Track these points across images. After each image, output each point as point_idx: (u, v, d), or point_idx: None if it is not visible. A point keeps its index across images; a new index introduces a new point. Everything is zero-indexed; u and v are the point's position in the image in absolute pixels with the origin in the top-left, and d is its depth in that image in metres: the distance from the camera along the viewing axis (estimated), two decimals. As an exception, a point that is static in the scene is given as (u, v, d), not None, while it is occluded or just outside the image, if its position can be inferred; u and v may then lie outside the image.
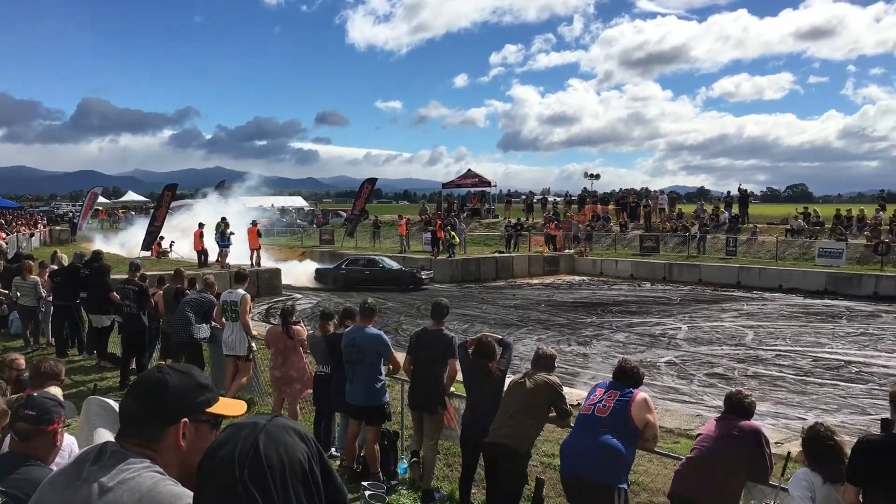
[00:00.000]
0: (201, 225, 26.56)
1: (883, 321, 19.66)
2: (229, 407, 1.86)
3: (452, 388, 6.70)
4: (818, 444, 4.12)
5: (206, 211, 34.78)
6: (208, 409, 1.80)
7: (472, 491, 6.35)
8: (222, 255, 25.90)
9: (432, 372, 6.54)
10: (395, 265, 28.40)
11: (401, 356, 6.95)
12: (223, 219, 26.80)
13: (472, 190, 46.89)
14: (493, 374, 6.06)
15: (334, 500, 1.56)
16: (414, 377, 6.73)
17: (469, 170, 47.97)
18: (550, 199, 47.44)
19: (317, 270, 29.03)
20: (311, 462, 1.54)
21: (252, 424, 1.57)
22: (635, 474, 6.51)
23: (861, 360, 14.94)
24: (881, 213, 30.81)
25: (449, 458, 7.32)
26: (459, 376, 6.51)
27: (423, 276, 27.33)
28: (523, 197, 46.33)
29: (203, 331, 9.74)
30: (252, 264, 25.66)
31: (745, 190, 37.17)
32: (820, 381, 13.19)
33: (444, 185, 48.20)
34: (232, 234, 26.17)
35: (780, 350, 15.90)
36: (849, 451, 4.00)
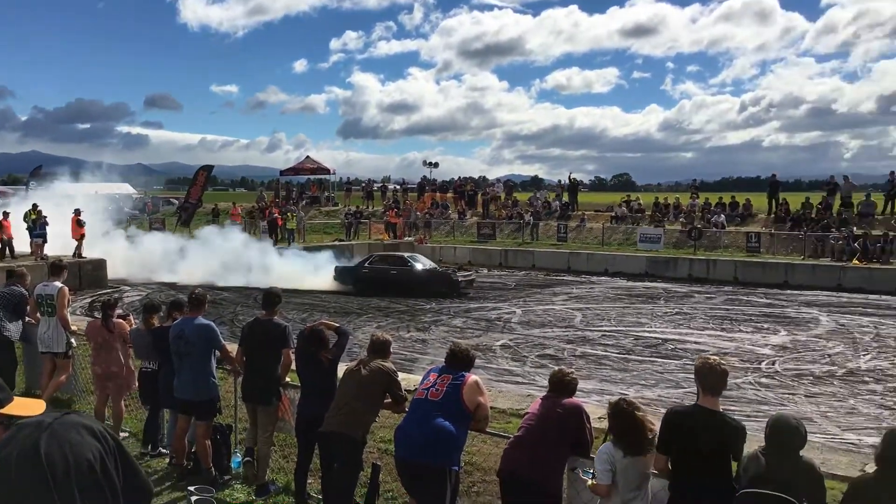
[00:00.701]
0: (6, 214, 24.11)
1: (696, 301, 21.27)
2: (24, 407, 1.73)
3: (288, 379, 6.59)
4: (619, 418, 4.38)
5: (27, 201, 32.01)
6: (0, 410, 1.67)
7: (309, 481, 6.29)
8: (34, 245, 23.89)
9: (265, 363, 6.41)
10: (427, 264, 23.91)
11: (234, 348, 6.75)
12: (34, 206, 24.75)
13: (312, 177, 46.25)
14: (324, 363, 6.02)
15: (136, 497, 1.49)
16: (246, 369, 6.56)
17: (308, 157, 47.26)
18: (390, 186, 47.62)
19: (336, 269, 24.05)
20: (105, 460, 1.46)
21: (35, 424, 1.47)
22: (469, 454, 6.69)
23: (676, 337, 16.10)
24: (695, 200, 33.29)
25: (285, 450, 7.20)
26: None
27: (461, 279, 22.54)
28: (363, 185, 46.21)
29: (14, 327, 9.00)
30: (76, 255, 23.96)
31: (575, 179, 39.02)
32: (640, 358, 14.10)
33: (283, 173, 47.21)
34: (46, 223, 24.10)
35: (605, 330, 16.84)
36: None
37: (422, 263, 23.57)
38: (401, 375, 8.46)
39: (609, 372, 13.04)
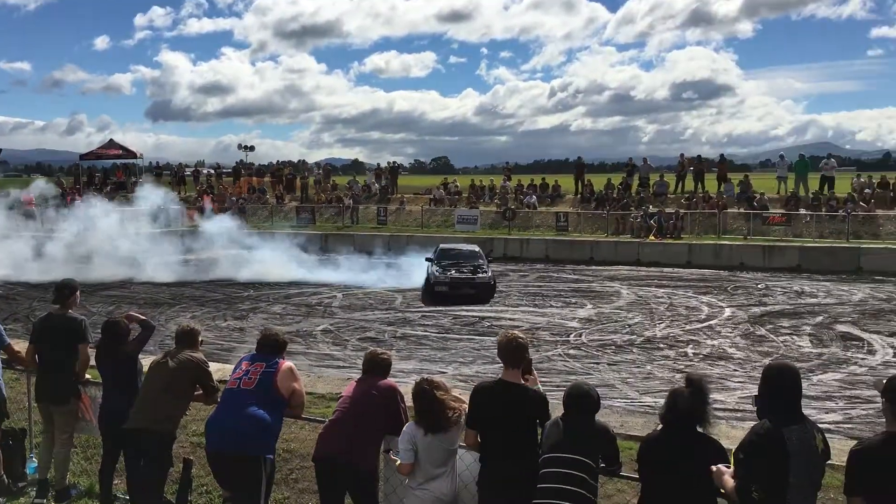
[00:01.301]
0: None
1: (510, 279, 22.14)
2: None
3: (88, 376, 6.18)
4: (420, 398, 4.50)
5: None
6: None
7: (115, 482, 5.95)
8: None
9: (59, 360, 5.97)
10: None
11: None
12: None
13: (118, 162, 43.42)
14: (122, 356, 5.71)
15: None
16: (39, 367, 6.09)
17: (112, 140, 44.28)
18: (204, 171, 45.70)
19: None
20: None
21: None
22: (286, 442, 6.61)
23: (493, 315, 16.68)
24: (507, 182, 34.58)
25: (87, 451, 6.78)
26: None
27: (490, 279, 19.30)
28: (174, 169, 44.02)
29: None
30: None
31: (395, 162, 39.41)
32: (459, 336, 14.49)
33: (83, 157, 43.92)
34: None
35: (424, 311, 17.15)
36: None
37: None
38: (216, 366, 8.22)
39: (429, 351, 13.31)
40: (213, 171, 45.27)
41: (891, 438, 3.50)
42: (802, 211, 27.11)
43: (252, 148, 46.29)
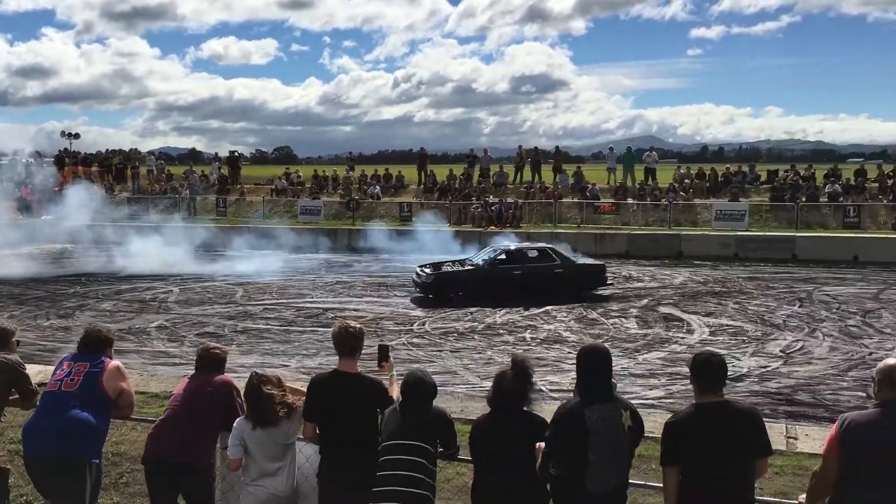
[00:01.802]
0: None
1: (355, 269, 22.12)
2: None
3: None
4: (249, 392, 4.44)
5: None
6: None
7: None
8: None
9: None
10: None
11: None
12: None
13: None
14: None
15: None
16: None
17: (-88, 124, 40.12)
18: (23, 160, 42.30)
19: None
20: None
21: None
22: (116, 444, 6.30)
23: (337, 306, 16.60)
24: (351, 173, 34.42)
25: None
26: None
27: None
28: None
29: None
30: None
31: (235, 152, 38.23)
32: (302, 329, 14.31)
33: None
34: None
35: (267, 304, 16.80)
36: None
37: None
38: (37, 368, 7.69)
39: (271, 345, 13.06)
40: (32, 160, 42.05)
41: (699, 410, 3.81)
42: (630, 200, 28.77)
43: (77, 135, 43.30)
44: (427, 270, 17.42)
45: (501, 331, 14.13)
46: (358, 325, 4.46)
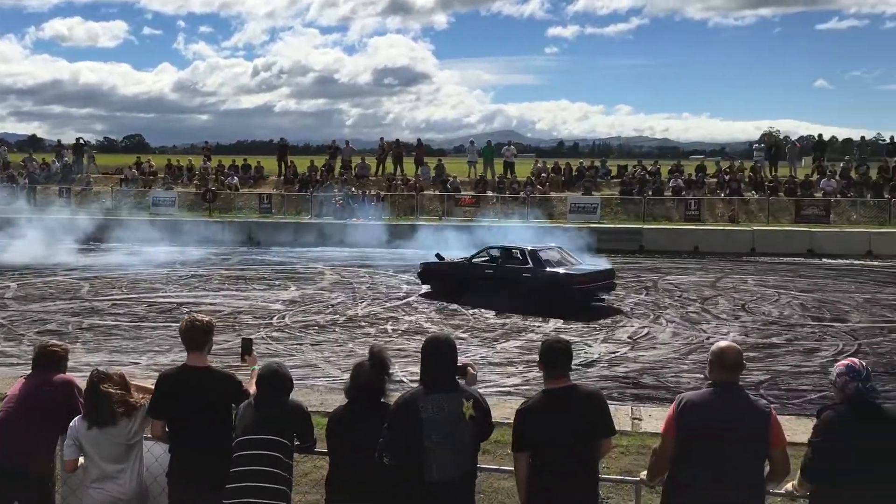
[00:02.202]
0: None
1: (212, 262, 21.44)
2: None
3: None
4: (87, 391, 4.25)
5: None
6: None
7: None
8: None
9: None
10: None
11: None
12: None
13: None
14: None
15: None
16: None
17: None
18: None
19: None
20: None
21: None
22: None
23: (192, 301, 16.04)
24: (208, 162, 33.28)
25: None
26: None
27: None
28: None
29: None
30: None
31: (81, 139, 36.14)
32: (154, 325, 13.72)
33: None
34: None
35: (116, 299, 15.99)
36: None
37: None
38: None
39: (120, 342, 12.45)
40: None
41: (547, 395, 3.96)
42: (490, 193, 29.42)
43: None
44: (431, 260, 17.45)
45: (363, 323, 14.11)
46: (206, 319, 4.33)
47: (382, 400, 4.06)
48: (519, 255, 15.77)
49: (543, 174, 30.93)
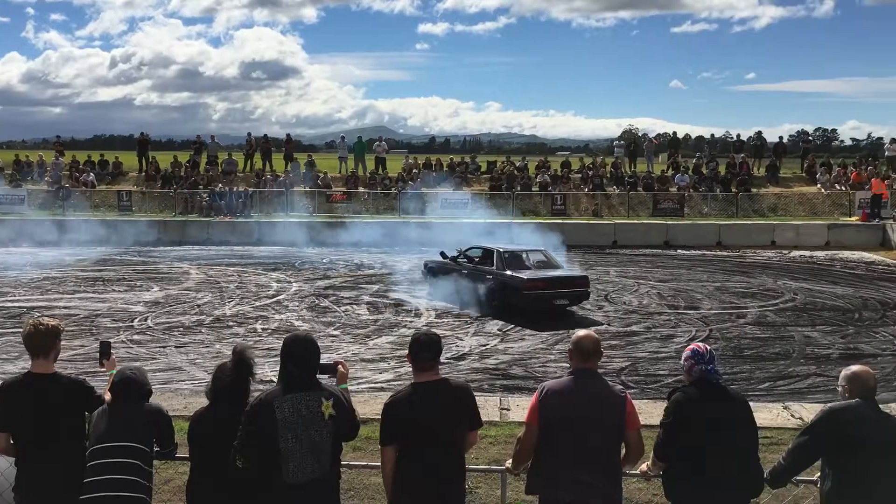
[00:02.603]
0: None
1: (67, 264, 20.24)
2: None
3: None
4: None
5: None
6: None
7: None
8: None
9: None
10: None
11: None
12: None
13: None
14: None
15: None
16: None
17: None
18: None
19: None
20: None
21: None
22: None
23: (45, 304, 15.10)
24: (60, 158, 31.36)
25: None
26: None
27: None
28: None
29: None
30: None
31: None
32: (2, 330, 12.83)
33: None
34: None
35: (-43, 305, 14.83)
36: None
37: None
38: None
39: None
40: None
41: (415, 389, 3.99)
42: (361, 189, 29.29)
43: None
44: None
45: (231, 323, 13.73)
46: (52, 323, 4.08)
47: (250, 401, 3.95)
48: (490, 256, 15.13)
49: (415, 170, 31.09)
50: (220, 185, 28.55)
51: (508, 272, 14.43)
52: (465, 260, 15.77)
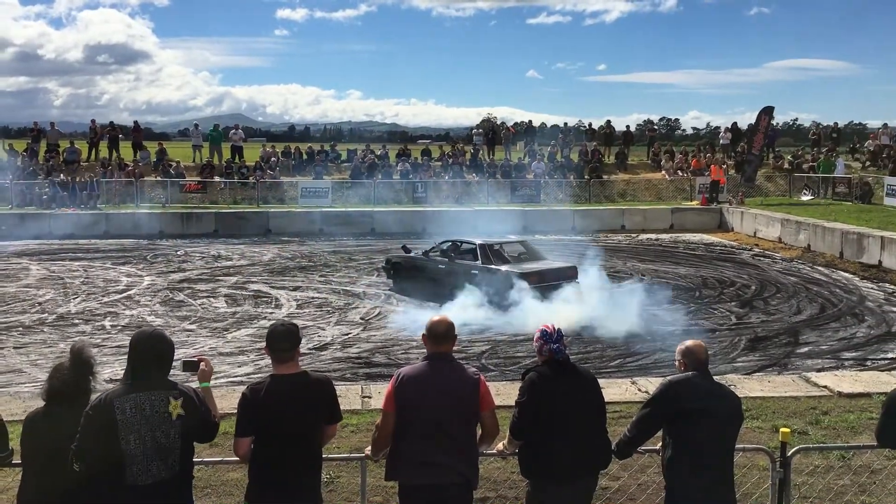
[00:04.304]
0: None
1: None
2: None
3: None
4: None
5: None
6: None
7: None
8: None
9: None
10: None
11: None
12: None
13: None
14: None
15: None
16: None
17: None
18: None
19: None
20: None
21: None
22: None
23: None
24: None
25: None
26: None
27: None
28: None
29: None
30: None
31: None
32: None
33: None
34: None
35: None
36: None
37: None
38: None
39: None
40: None
41: (273, 380, 3.92)
42: (217, 178, 28.35)
43: None
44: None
45: (77, 321, 12.97)
46: None
47: (91, 401, 3.75)
48: (472, 248, 14.56)
49: (273, 158, 30.41)
50: (62, 174, 26.84)
51: (502, 267, 13.89)
52: (439, 255, 15.13)
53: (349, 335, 12.16)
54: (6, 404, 7.39)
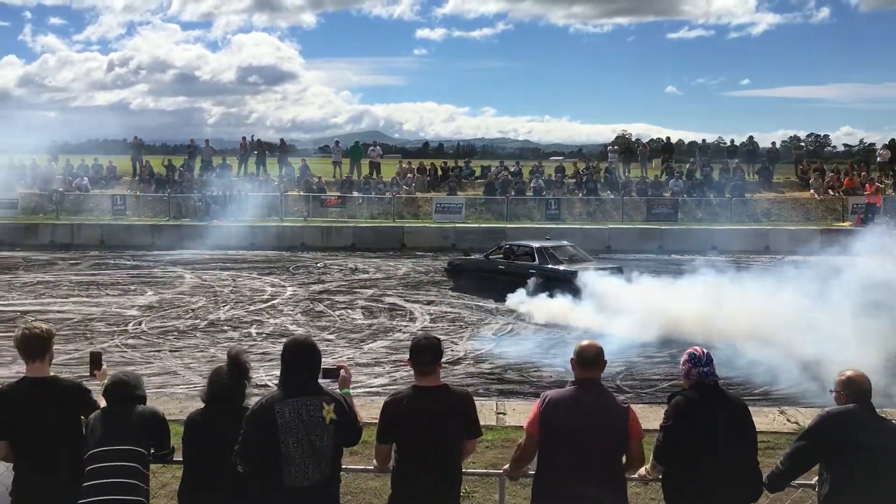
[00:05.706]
0: None
1: (59, 268, 20.20)
2: None
3: None
4: None
5: None
6: None
7: None
8: None
9: None
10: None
11: None
12: None
13: None
14: None
15: None
16: None
17: None
18: None
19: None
20: None
21: None
22: None
23: (38, 308, 15.05)
24: (54, 162, 31.26)
25: None
26: None
27: None
28: None
29: None
30: None
31: None
32: (-6, 335, 12.78)
33: None
34: None
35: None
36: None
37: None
38: None
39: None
40: None
41: (416, 391, 3.99)
42: (355, 193, 29.27)
43: None
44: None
45: (226, 327, 13.69)
46: (45, 326, 4.07)
47: (244, 405, 3.95)
48: (529, 250, 16.43)
49: (409, 175, 31.08)
50: (214, 188, 28.50)
51: (560, 267, 15.51)
52: (501, 257, 16.99)
53: (481, 351, 12.20)
54: (164, 405, 7.85)
